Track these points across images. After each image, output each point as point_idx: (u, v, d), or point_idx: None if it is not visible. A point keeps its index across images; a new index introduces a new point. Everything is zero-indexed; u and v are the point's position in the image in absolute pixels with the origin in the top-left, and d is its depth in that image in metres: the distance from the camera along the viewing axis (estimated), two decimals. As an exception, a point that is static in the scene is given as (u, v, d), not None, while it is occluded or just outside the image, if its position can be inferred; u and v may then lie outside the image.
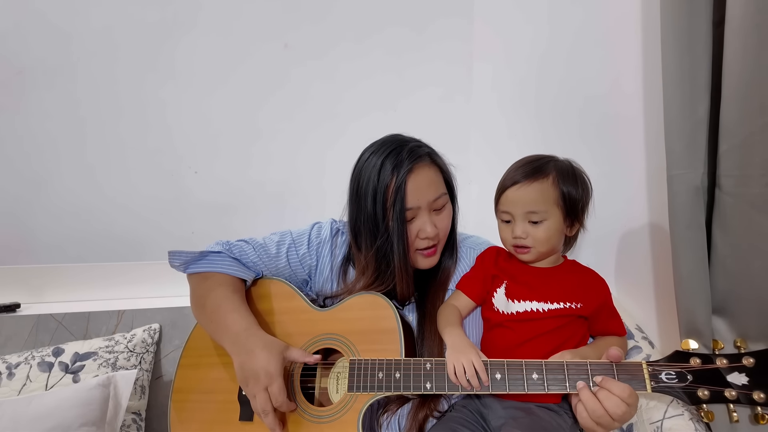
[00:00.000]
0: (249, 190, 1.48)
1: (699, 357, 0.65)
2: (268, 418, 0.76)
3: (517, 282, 0.82)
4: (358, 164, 0.86)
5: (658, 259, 0.89)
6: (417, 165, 0.81)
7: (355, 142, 0.90)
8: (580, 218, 0.81)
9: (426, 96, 1.53)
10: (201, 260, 0.91)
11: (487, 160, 1.51)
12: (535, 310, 0.78)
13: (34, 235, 1.36)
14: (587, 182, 0.82)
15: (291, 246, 0.95)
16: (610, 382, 0.65)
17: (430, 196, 0.82)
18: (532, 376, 0.70)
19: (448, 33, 1.52)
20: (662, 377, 0.65)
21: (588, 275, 0.83)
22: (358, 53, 1.48)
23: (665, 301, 0.86)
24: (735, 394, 0.62)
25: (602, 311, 0.80)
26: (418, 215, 0.83)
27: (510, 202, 0.80)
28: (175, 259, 0.91)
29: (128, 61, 1.36)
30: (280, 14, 1.43)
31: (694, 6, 0.69)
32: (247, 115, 1.45)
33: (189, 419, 0.88)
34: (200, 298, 0.89)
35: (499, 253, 0.88)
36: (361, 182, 0.84)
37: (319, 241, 0.96)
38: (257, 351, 0.76)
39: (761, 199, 0.63)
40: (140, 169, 1.40)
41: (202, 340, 0.93)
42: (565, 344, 0.76)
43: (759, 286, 0.65)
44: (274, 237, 0.97)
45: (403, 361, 0.76)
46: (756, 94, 0.62)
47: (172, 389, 0.91)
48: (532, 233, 0.78)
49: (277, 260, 0.94)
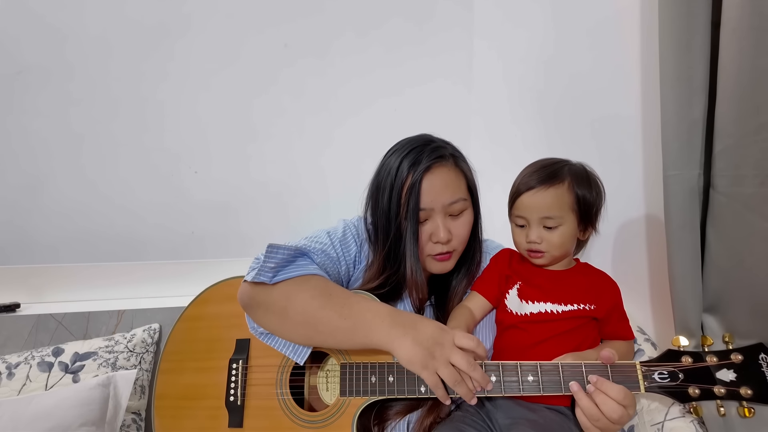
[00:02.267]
0: (249, 189, 1.48)
1: (690, 355, 0.66)
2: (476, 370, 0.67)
3: (530, 284, 0.82)
4: (382, 161, 0.84)
5: (655, 259, 0.89)
6: (436, 165, 0.78)
7: (357, 139, 0.89)
8: (594, 222, 0.81)
9: (426, 91, 1.52)
10: (292, 263, 0.79)
11: (487, 159, 1.51)
12: (548, 312, 0.78)
13: (34, 235, 1.36)
14: (600, 186, 0.82)
15: (342, 246, 0.88)
16: (605, 384, 0.65)
17: (445, 198, 0.79)
18: (527, 378, 0.70)
19: (448, 25, 1.52)
20: (655, 377, 0.66)
21: (600, 278, 0.83)
22: (358, 48, 1.47)
23: (661, 300, 0.86)
24: (723, 390, 0.63)
25: (613, 314, 0.80)
26: (432, 217, 0.79)
27: (525, 208, 0.79)
28: (271, 258, 0.75)
29: (128, 62, 1.36)
30: (278, 11, 1.42)
31: (692, 7, 0.70)
32: (246, 114, 1.45)
33: (176, 426, 0.87)
34: (304, 303, 0.74)
35: (512, 255, 0.88)
36: (380, 179, 0.81)
37: (361, 240, 0.90)
38: (419, 321, 0.70)
39: (754, 199, 0.64)
40: (140, 169, 1.40)
41: (182, 344, 0.92)
42: (579, 347, 0.76)
43: (751, 285, 0.66)
44: (323, 238, 0.86)
45: (396, 365, 0.74)
46: (751, 96, 0.62)
47: (153, 395, 0.90)
48: (547, 238, 0.78)
49: (338, 265, 0.86)
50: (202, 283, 0.99)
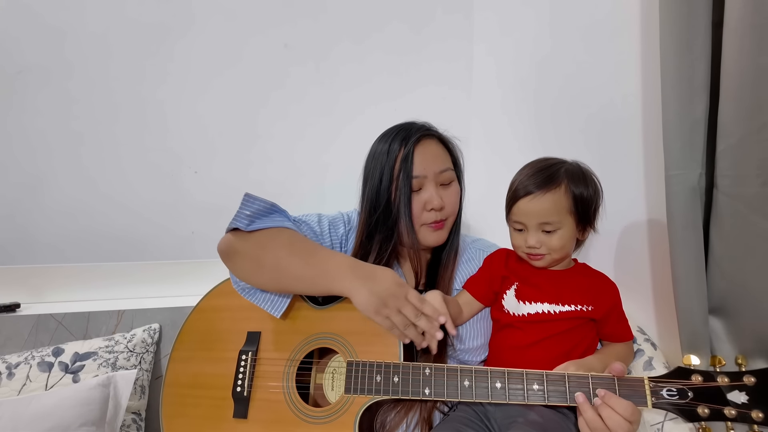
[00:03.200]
0: (249, 189, 1.47)
1: (701, 374, 0.64)
2: (420, 322, 0.72)
3: (528, 284, 0.82)
4: (370, 152, 0.89)
5: (657, 259, 0.89)
6: (424, 138, 0.86)
7: (356, 141, 0.91)
8: (592, 222, 0.81)
9: (426, 95, 1.53)
10: (268, 216, 0.84)
11: (487, 162, 1.51)
12: (546, 312, 0.78)
13: (34, 235, 1.36)
14: (597, 183, 0.82)
15: (331, 225, 0.95)
16: (613, 399, 0.64)
17: (436, 167, 0.85)
18: (532, 386, 0.69)
19: (448, 16, 1.52)
20: (663, 393, 0.65)
21: (599, 279, 0.83)
22: (358, 53, 1.48)
23: (664, 301, 0.86)
24: (734, 412, 0.61)
25: (612, 315, 0.80)
26: (425, 186, 0.84)
27: (523, 213, 0.79)
28: (247, 206, 0.82)
29: (127, 62, 1.36)
30: (279, 13, 1.43)
31: (692, 7, 0.69)
32: (246, 115, 1.45)
33: (181, 414, 0.88)
34: (275, 250, 0.80)
35: (509, 255, 0.88)
36: (371, 165, 0.87)
37: (350, 227, 0.96)
38: (378, 272, 0.75)
39: (757, 199, 0.63)
40: (140, 169, 1.40)
41: (195, 334, 0.92)
42: (576, 347, 0.76)
43: (754, 286, 0.65)
44: (312, 216, 0.95)
45: (402, 365, 0.75)
46: (753, 95, 0.62)
47: (163, 383, 0.91)
48: (546, 242, 0.78)
49: (322, 239, 0.93)
50: (203, 283, 0.99)
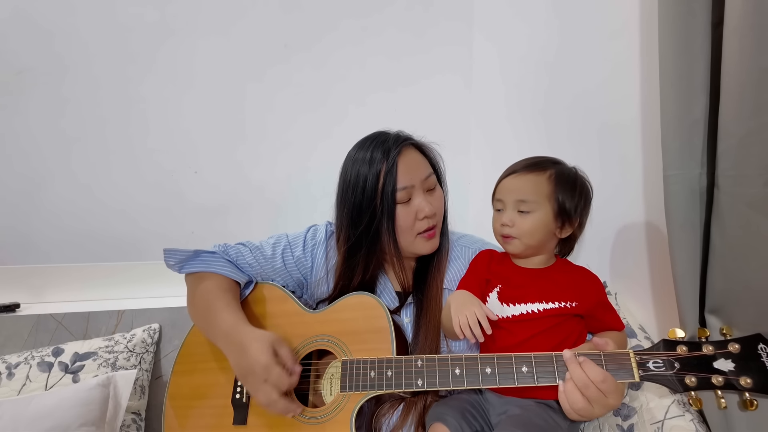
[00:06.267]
0: (248, 191, 1.48)
1: (686, 345, 0.65)
2: (278, 405, 0.74)
3: (510, 285, 0.82)
4: (346, 163, 0.89)
5: (657, 258, 0.89)
6: (404, 147, 0.85)
7: (354, 134, 0.91)
8: (573, 223, 0.80)
9: (423, 99, 1.53)
10: (195, 260, 0.91)
11: (487, 162, 1.51)
12: (530, 312, 0.78)
13: (34, 235, 1.36)
14: (587, 190, 0.82)
15: (287, 248, 0.95)
16: (588, 364, 0.66)
17: (421, 174, 0.85)
18: (521, 369, 0.70)
19: (449, 15, 1.53)
20: (650, 365, 0.66)
21: (580, 274, 0.83)
22: (358, 53, 1.49)
23: (664, 300, 0.86)
24: (722, 380, 0.62)
25: (598, 308, 0.80)
26: (414, 195, 0.85)
27: (502, 190, 0.82)
28: (170, 257, 0.90)
29: (127, 62, 1.36)
30: (273, 6, 1.43)
31: (692, 7, 0.69)
32: (245, 116, 1.45)
33: (183, 426, 0.88)
34: (194, 298, 0.90)
35: (492, 256, 0.88)
36: (349, 178, 0.86)
37: (314, 243, 0.96)
38: (247, 344, 0.76)
39: (758, 199, 0.63)
40: (140, 169, 1.40)
41: (197, 346, 0.93)
42: (563, 343, 0.76)
43: (755, 286, 0.65)
44: (270, 240, 0.98)
45: (395, 359, 0.77)
46: (753, 95, 0.61)
47: (166, 396, 0.91)
48: (519, 223, 0.79)
49: (273, 262, 0.95)
50: (202, 283, 0.99)
